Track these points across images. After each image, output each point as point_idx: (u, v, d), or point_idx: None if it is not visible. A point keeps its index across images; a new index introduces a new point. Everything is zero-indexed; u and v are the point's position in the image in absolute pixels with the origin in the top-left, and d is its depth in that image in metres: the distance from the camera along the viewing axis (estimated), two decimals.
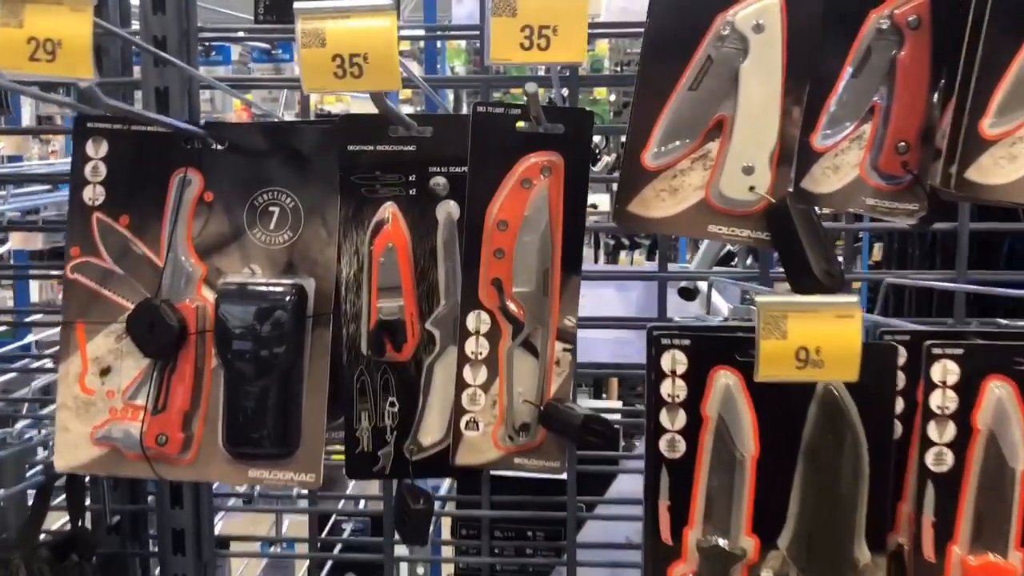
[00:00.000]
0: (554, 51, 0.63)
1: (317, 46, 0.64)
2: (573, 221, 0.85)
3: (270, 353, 0.93)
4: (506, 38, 0.63)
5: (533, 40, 0.64)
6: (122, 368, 0.97)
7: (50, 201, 1.93)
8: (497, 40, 0.64)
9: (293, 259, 0.95)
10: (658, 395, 0.81)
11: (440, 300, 0.91)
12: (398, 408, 0.92)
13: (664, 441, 0.82)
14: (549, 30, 0.64)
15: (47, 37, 0.65)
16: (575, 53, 0.64)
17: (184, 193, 0.96)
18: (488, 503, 1.40)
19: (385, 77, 0.64)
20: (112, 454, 0.97)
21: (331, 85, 0.64)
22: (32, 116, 2.73)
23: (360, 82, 0.64)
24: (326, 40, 0.64)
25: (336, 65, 0.64)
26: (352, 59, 0.64)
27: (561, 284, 0.86)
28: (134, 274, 0.96)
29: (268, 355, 0.93)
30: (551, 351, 0.86)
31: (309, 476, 0.96)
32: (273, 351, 0.93)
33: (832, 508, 0.79)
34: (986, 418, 0.78)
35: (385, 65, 0.63)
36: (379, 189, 0.90)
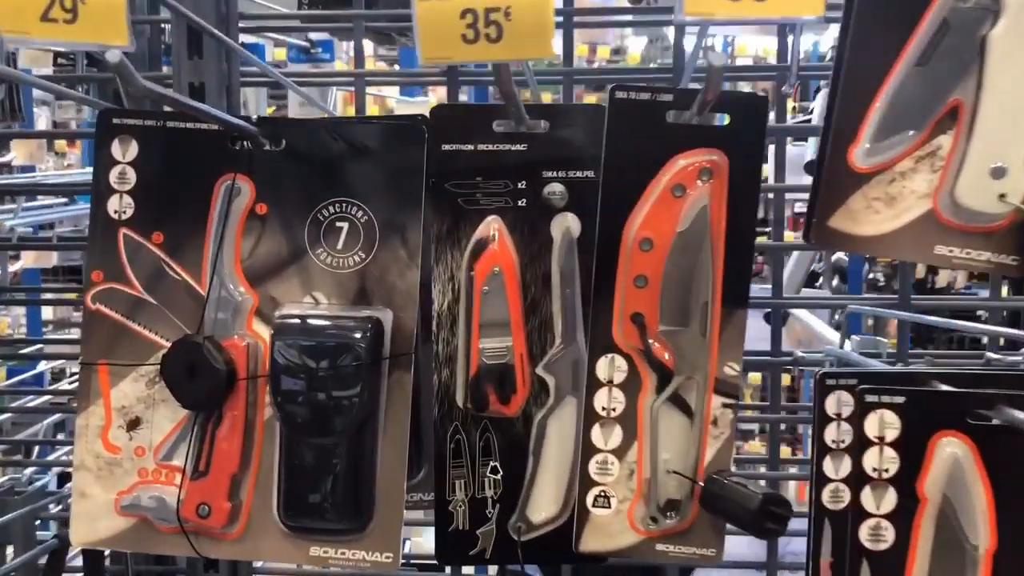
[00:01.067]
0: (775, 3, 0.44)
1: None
2: (739, 239, 0.65)
3: (339, 403, 0.75)
4: None
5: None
6: (154, 420, 0.79)
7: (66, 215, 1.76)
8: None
9: (366, 286, 0.77)
10: (860, 468, 0.61)
11: (555, 339, 0.72)
12: (502, 475, 0.73)
13: (866, 528, 0.63)
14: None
15: None
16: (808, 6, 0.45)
17: (232, 204, 0.78)
18: None
19: (535, 42, 0.45)
20: (141, 526, 0.80)
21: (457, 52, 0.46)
22: (48, 123, 2.57)
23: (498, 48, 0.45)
24: None
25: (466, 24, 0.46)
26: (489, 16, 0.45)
27: (721, 321, 0.66)
28: (170, 304, 0.79)
29: (336, 405, 0.75)
30: (708, 408, 0.67)
31: (386, 556, 0.78)
32: (343, 400, 0.75)
33: None
34: None
35: (536, 25, 0.44)
36: (480, 199, 0.71)
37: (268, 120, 0.80)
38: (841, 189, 0.62)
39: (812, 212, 0.62)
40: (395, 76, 1.92)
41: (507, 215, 0.72)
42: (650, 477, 0.68)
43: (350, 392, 0.75)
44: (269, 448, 0.78)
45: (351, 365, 0.74)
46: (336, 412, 0.75)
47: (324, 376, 0.74)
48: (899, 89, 0.60)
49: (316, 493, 0.77)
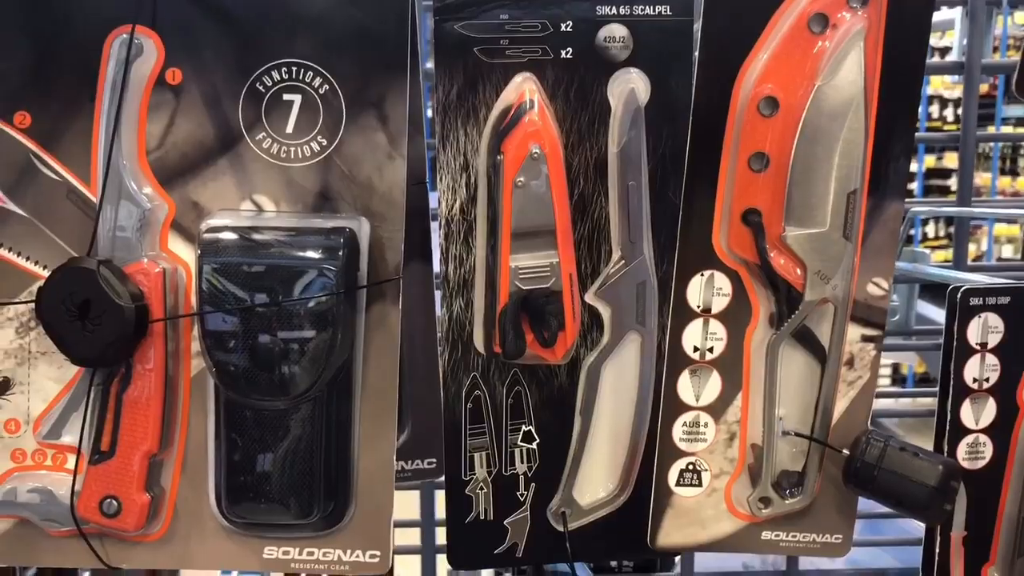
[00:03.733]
0: None
1: None
2: (899, 98, 0.44)
3: (298, 351, 0.53)
4: None
5: None
6: (31, 382, 0.57)
7: None
8: None
9: (330, 185, 0.55)
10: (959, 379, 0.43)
11: (612, 252, 0.51)
12: (538, 444, 0.52)
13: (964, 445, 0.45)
14: None
15: None
16: None
17: (130, 69, 0.54)
18: None
19: None
20: (19, 531, 0.58)
21: None
22: None
23: None
24: None
25: None
26: None
27: (867, 219, 0.46)
28: (45, 215, 0.56)
29: (294, 354, 0.53)
30: (845, 342, 0.47)
31: (371, 554, 0.58)
32: (304, 347, 0.53)
33: None
34: None
35: None
36: (507, 49, 0.48)
37: None
38: None
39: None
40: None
41: (545, 71, 0.49)
42: (766, 441, 0.48)
43: (314, 335, 0.53)
44: (199, 417, 0.56)
45: (315, 298, 0.52)
46: (294, 363, 0.53)
47: (276, 314, 0.52)
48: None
49: (270, 475, 0.55)
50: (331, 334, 0.55)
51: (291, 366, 0.54)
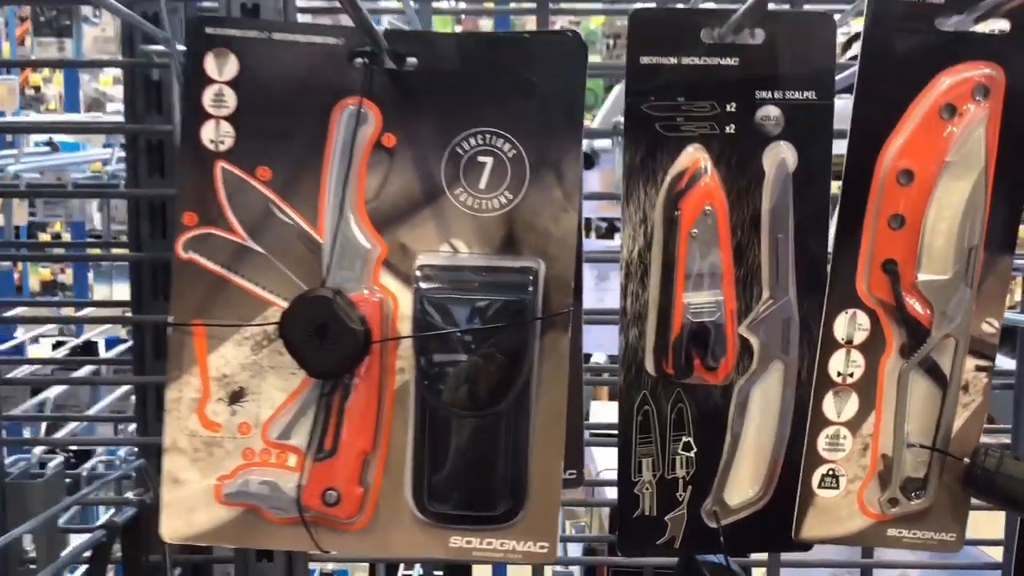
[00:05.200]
0: None
1: None
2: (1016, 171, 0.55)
3: (494, 369, 0.63)
4: None
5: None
6: (262, 391, 0.66)
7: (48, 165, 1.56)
8: None
9: (515, 232, 0.65)
10: None
11: (763, 293, 0.61)
12: (695, 452, 0.62)
13: None
14: None
15: None
16: None
17: (356, 134, 0.65)
18: None
19: None
20: (247, 517, 0.67)
21: None
22: None
23: None
24: None
25: None
26: None
27: (984, 269, 0.56)
28: (280, 253, 0.65)
29: (491, 371, 0.63)
30: (962, 371, 0.57)
31: (541, 546, 0.66)
32: (497, 366, 0.63)
33: None
34: None
35: None
36: (682, 124, 0.59)
37: (398, 33, 0.67)
38: None
39: None
40: None
41: (712, 143, 0.60)
42: (896, 453, 0.58)
43: (506, 356, 0.63)
44: (401, 423, 0.66)
45: (513, 325, 0.63)
46: (489, 379, 0.63)
47: (481, 339, 0.62)
48: None
49: (458, 475, 0.65)
50: (517, 357, 0.65)
51: (484, 383, 0.65)
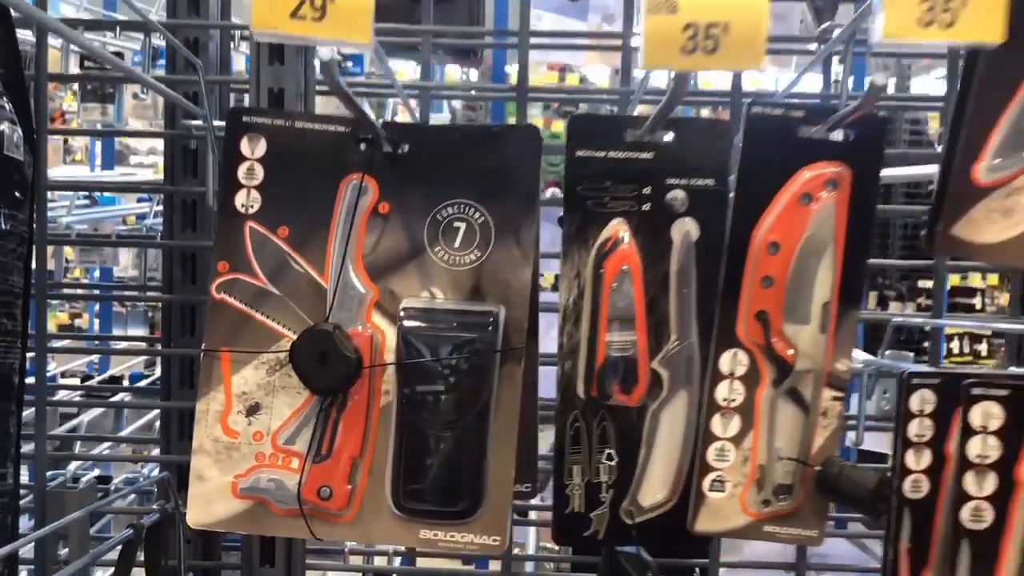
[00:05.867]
0: (963, 27, 0.51)
1: (666, 12, 0.51)
2: (858, 244, 0.72)
3: (458, 392, 0.79)
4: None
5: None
6: (274, 406, 0.82)
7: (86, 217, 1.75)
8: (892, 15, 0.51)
9: (480, 283, 0.81)
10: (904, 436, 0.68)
11: (670, 335, 0.78)
12: (616, 462, 0.78)
13: (909, 482, 0.70)
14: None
15: None
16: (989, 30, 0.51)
17: (357, 202, 0.82)
18: None
19: (748, 54, 0.51)
20: (258, 509, 0.82)
21: (677, 61, 0.51)
22: None
23: (714, 58, 0.51)
24: (678, 6, 0.51)
25: (688, 36, 0.51)
26: (709, 30, 0.51)
27: (838, 320, 0.73)
28: (294, 295, 0.82)
29: (455, 395, 0.79)
30: (819, 400, 0.73)
31: (494, 539, 0.81)
32: (461, 390, 0.79)
33: None
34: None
35: (751, 39, 0.50)
36: (609, 203, 0.77)
37: (393, 125, 0.85)
38: (964, 201, 0.69)
39: (935, 223, 0.69)
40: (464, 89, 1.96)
41: (632, 218, 0.77)
42: (765, 463, 0.74)
43: (470, 382, 0.79)
44: (384, 434, 0.81)
45: (476, 357, 0.79)
46: (456, 401, 0.79)
47: (450, 367, 0.79)
48: (1018, 116, 0.68)
49: (429, 478, 0.81)
50: (479, 383, 0.81)
51: (452, 402, 0.81)
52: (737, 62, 0.51)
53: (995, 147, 0.68)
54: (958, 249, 0.70)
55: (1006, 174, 0.68)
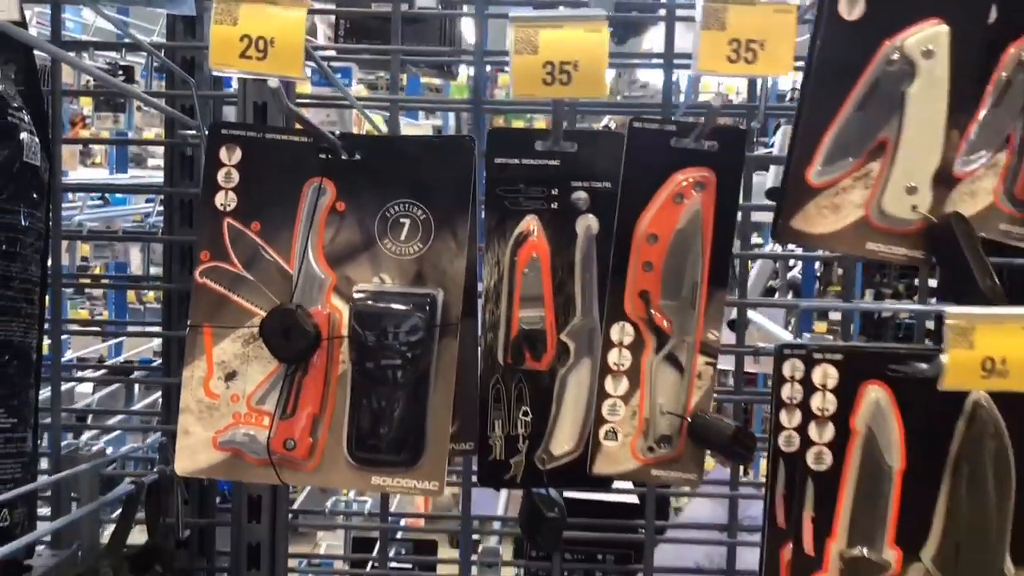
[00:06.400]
0: (761, 65, 0.66)
1: (529, 53, 0.66)
2: (723, 236, 0.87)
3: (400, 361, 0.94)
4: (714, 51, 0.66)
5: (740, 53, 0.66)
6: (248, 373, 0.97)
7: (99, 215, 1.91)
8: (705, 51, 0.66)
9: (423, 270, 0.96)
10: (807, 408, 0.83)
11: (576, 312, 0.93)
12: (531, 418, 0.93)
13: (812, 454, 0.84)
14: (756, 44, 0.66)
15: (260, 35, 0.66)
16: (782, 66, 0.67)
17: (317, 202, 0.97)
18: None
19: (593, 85, 0.66)
20: (234, 459, 0.97)
21: (539, 91, 0.67)
22: None
23: (568, 88, 0.66)
24: (538, 47, 0.66)
25: (546, 72, 0.67)
26: (562, 67, 0.67)
27: (707, 298, 0.88)
28: (264, 280, 0.97)
29: (400, 363, 0.94)
30: (694, 364, 0.88)
31: (432, 484, 0.96)
32: (403, 359, 0.94)
33: (981, 521, 0.81)
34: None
35: (594, 73, 0.66)
36: (522, 202, 0.92)
37: (349, 136, 1.01)
38: (800, 199, 0.84)
39: (778, 216, 0.84)
40: (428, 102, 2.14)
41: (543, 215, 0.93)
42: (649, 417, 0.89)
43: (413, 353, 0.94)
44: (341, 397, 0.96)
45: (416, 331, 0.94)
46: (401, 369, 0.94)
47: (394, 340, 0.94)
48: (843, 127, 0.83)
49: (379, 434, 0.96)
50: (420, 353, 0.96)
51: (394, 367, 0.96)
52: (584, 91, 0.66)
53: (824, 154, 0.84)
54: (798, 239, 0.85)
55: (833, 177, 0.84)
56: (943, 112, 0.82)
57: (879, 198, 0.84)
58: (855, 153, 0.84)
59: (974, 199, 0.86)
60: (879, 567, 0.83)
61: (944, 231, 0.81)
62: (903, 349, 0.79)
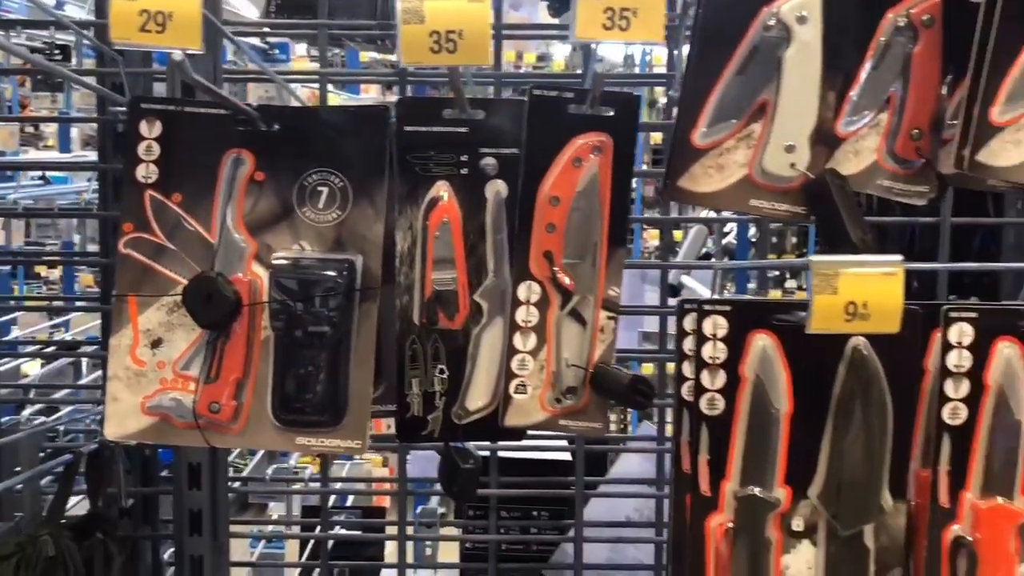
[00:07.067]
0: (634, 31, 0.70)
1: (416, 22, 0.70)
2: (620, 197, 0.92)
3: (321, 325, 0.97)
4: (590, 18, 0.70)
5: (615, 21, 0.70)
6: (173, 340, 0.99)
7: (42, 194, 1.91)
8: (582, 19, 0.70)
9: (341, 236, 0.99)
10: (698, 357, 0.88)
11: (488, 273, 0.97)
12: (447, 375, 0.98)
13: (704, 400, 0.89)
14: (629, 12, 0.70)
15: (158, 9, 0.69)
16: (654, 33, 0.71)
17: (236, 173, 1.00)
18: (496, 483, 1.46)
19: (477, 52, 0.70)
20: (162, 423, 0.99)
21: (427, 58, 0.70)
22: None
23: (455, 56, 0.70)
24: (425, 17, 0.70)
25: (433, 40, 0.70)
26: (448, 35, 0.70)
27: (607, 256, 0.92)
28: (186, 250, 0.99)
29: (320, 327, 0.97)
30: (597, 319, 0.93)
31: (355, 442, 1.00)
32: (323, 323, 0.97)
33: (860, 459, 0.87)
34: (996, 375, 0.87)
35: (479, 41, 0.69)
36: (433, 168, 0.96)
37: (266, 108, 1.03)
38: (686, 160, 0.89)
39: (667, 177, 0.89)
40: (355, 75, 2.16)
41: (453, 181, 0.96)
42: (556, 370, 0.94)
43: (332, 317, 0.98)
44: (264, 362, 0.99)
45: (334, 295, 0.98)
46: (320, 332, 0.97)
47: (313, 304, 0.97)
48: (726, 91, 0.88)
49: (302, 395, 0.98)
50: (340, 317, 0.99)
51: (314, 331, 0.99)
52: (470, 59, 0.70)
53: (708, 117, 0.88)
54: (685, 198, 0.90)
55: (717, 138, 0.89)
56: (818, 74, 0.87)
57: (761, 157, 0.88)
58: (737, 115, 0.88)
59: (858, 157, 0.92)
60: (770, 504, 0.89)
61: (820, 187, 0.86)
62: (788, 300, 0.84)
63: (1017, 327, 0.87)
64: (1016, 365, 0.87)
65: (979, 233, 1.56)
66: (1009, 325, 0.87)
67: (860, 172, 0.92)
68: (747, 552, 0.89)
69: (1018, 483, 0.88)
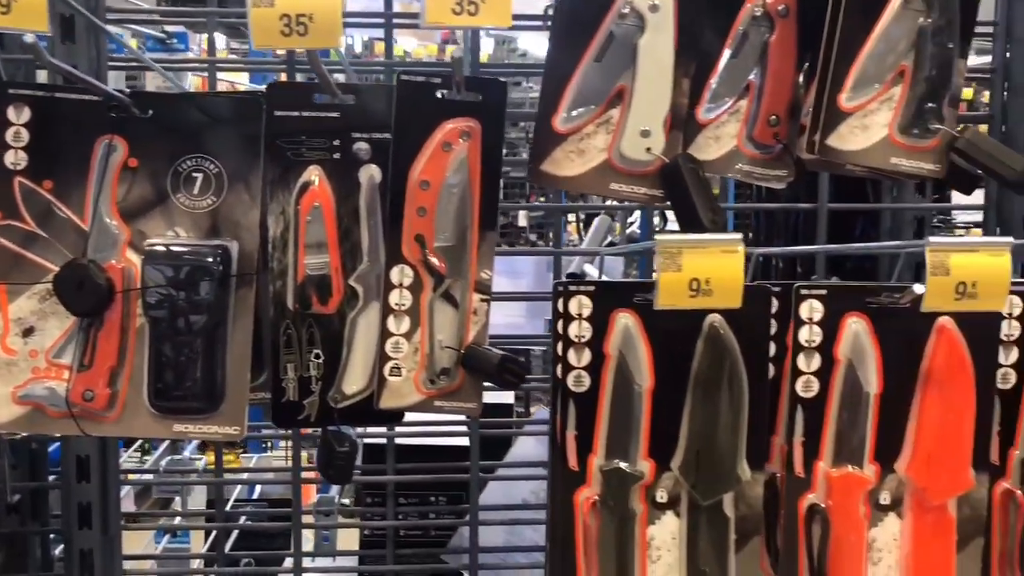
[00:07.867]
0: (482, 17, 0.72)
1: (266, 6, 0.71)
2: (490, 182, 0.93)
3: (195, 311, 0.97)
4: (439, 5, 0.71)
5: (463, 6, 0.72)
6: (45, 328, 0.99)
7: None
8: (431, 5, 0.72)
9: (217, 223, 0.99)
10: (565, 336, 0.90)
11: (363, 258, 0.98)
12: (323, 360, 0.99)
13: (571, 377, 0.92)
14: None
15: None
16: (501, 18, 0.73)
17: (109, 159, 0.99)
18: (393, 470, 1.47)
19: (328, 36, 0.71)
20: (35, 413, 0.99)
21: (278, 42, 0.71)
22: None
23: (305, 39, 0.71)
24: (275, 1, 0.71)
25: (283, 24, 0.71)
26: (299, 18, 0.71)
27: (479, 240, 0.94)
28: (58, 237, 0.98)
29: (193, 313, 0.97)
30: (470, 301, 0.95)
31: (233, 428, 1.00)
32: (198, 309, 0.97)
33: (717, 431, 0.90)
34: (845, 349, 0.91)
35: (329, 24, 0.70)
36: (305, 153, 0.96)
37: (139, 93, 1.03)
38: (548, 145, 0.91)
39: (531, 161, 0.91)
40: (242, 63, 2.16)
41: (326, 166, 0.97)
42: (429, 352, 0.95)
43: (205, 303, 0.98)
44: (140, 349, 0.99)
45: (206, 282, 0.98)
46: (194, 319, 0.97)
47: (185, 291, 0.97)
48: (584, 77, 0.91)
49: (178, 382, 0.98)
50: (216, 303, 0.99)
51: (189, 318, 0.99)
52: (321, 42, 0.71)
53: (568, 102, 0.91)
54: (548, 182, 0.92)
55: (577, 124, 0.92)
56: (671, 61, 0.90)
57: (619, 142, 0.91)
58: (596, 101, 0.91)
59: (719, 143, 0.95)
60: (634, 477, 0.92)
61: (673, 170, 0.89)
62: (648, 280, 0.87)
63: (865, 303, 0.91)
64: (864, 339, 0.91)
65: (860, 220, 1.62)
66: (857, 302, 0.91)
67: (721, 157, 0.95)
68: (613, 524, 0.91)
69: (867, 452, 0.92)
